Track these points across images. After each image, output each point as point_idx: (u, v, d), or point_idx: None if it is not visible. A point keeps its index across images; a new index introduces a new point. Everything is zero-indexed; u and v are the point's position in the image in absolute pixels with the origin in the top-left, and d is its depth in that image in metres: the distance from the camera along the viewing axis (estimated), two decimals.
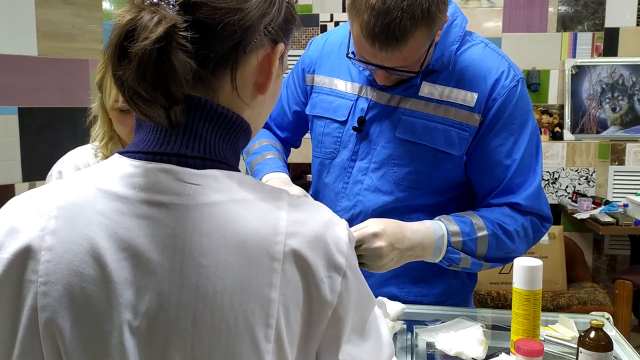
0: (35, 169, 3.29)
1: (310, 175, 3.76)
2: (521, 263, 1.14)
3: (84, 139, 3.43)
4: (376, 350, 0.74)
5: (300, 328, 0.65)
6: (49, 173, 1.61)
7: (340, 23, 4.07)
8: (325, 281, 0.65)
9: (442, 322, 1.31)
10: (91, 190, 0.64)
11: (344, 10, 3.83)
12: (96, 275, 0.61)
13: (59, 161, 1.61)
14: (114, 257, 0.61)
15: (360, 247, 1.17)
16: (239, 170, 0.69)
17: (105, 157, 1.56)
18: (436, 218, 1.31)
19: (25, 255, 0.62)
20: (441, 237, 1.26)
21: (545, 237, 3.42)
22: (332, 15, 3.81)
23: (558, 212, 3.72)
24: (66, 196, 0.64)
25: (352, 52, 1.29)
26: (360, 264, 1.12)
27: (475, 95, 1.30)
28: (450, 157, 1.33)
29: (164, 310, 0.61)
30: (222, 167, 0.67)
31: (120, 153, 0.68)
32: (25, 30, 3.20)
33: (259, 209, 0.65)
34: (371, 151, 1.38)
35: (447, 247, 1.27)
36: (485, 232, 1.29)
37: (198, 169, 0.65)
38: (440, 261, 1.29)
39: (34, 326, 0.61)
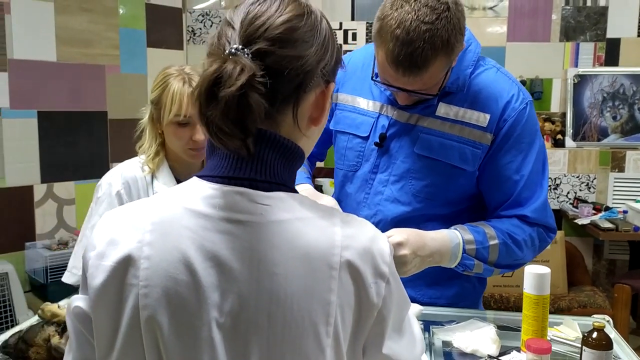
0: (53, 171, 3.39)
1: (317, 179, 3.87)
2: (531, 270, 1.25)
3: (100, 142, 3.56)
4: (411, 345, 0.85)
5: (351, 326, 0.76)
6: (98, 184, 1.68)
7: (349, 31, 4.20)
8: (373, 287, 0.76)
9: (457, 323, 1.42)
10: (178, 208, 0.76)
11: (352, 19, 3.94)
12: (188, 280, 0.72)
13: (108, 174, 1.69)
14: (202, 265, 0.72)
15: None
16: (297, 192, 0.80)
17: (152, 170, 1.66)
18: (452, 227, 1.42)
19: (126, 263, 0.74)
20: (457, 245, 1.38)
21: None
22: (341, 24, 3.92)
23: (559, 218, 3.82)
24: (158, 213, 0.76)
25: (376, 74, 1.39)
26: None
27: (488, 116, 1.41)
28: (464, 173, 1.44)
29: (244, 310, 0.72)
30: (285, 189, 0.78)
31: (199, 177, 0.79)
32: (45, 36, 3.31)
33: (318, 225, 0.76)
34: (391, 165, 1.49)
35: (462, 254, 1.38)
36: (496, 241, 1.40)
37: (266, 191, 0.76)
38: (456, 266, 1.41)
39: (135, 322, 0.73)
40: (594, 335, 1.19)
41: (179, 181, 1.69)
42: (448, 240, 1.37)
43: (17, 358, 1.11)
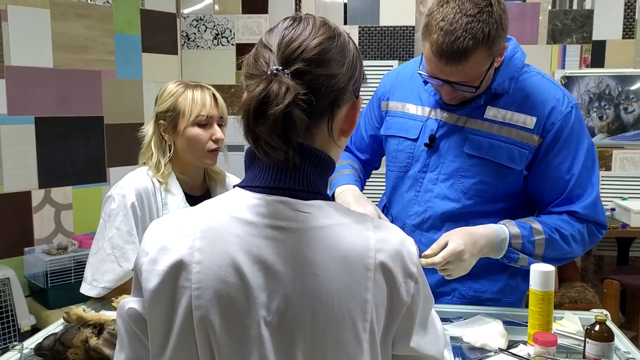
0: (51, 176, 3.41)
1: None
2: (537, 268, 1.33)
3: (96, 147, 3.58)
4: (435, 340, 0.92)
5: (384, 322, 0.83)
6: (109, 194, 1.71)
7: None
8: (403, 286, 0.83)
9: (464, 319, 1.49)
10: (225, 217, 0.82)
11: (345, 23, 3.99)
12: (237, 282, 0.78)
13: (118, 186, 1.71)
14: (250, 268, 0.78)
15: (449, 263, 1.39)
16: (331, 199, 0.87)
17: (165, 184, 1.70)
18: (500, 222, 1.52)
19: (178, 267, 0.80)
20: (503, 240, 1.47)
21: None
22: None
23: None
24: (206, 222, 0.82)
25: (423, 68, 1.49)
26: (448, 275, 1.41)
27: (535, 119, 1.50)
28: (512, 172, 1.52)
29: (290, 308, 0.78)
30: (321, 197, 0.85)
31: (241, 187, 0.85)
32: (41, 43, 3.33)
33: (354, 230, 0.83)
34: (440, 164, 1.58)
35: (508, 247, 1.48)
36: (542, 236, 1.49)
37: (305, 200, 0.83)
38: (502, 258, 1.50)
39: (188, 321, 0.79)
40: (597, 328, 1.27)
41: (185, 192, 1.75)
42: (495, 235, 1.47)
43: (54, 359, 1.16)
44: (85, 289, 1.67)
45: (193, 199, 1.73)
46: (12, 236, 3.25)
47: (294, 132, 0.78)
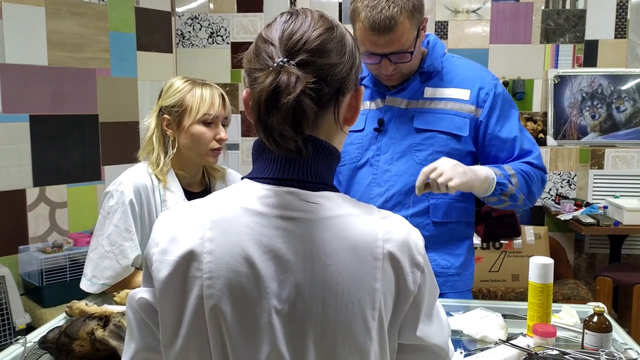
0: (46, 174, 3.40)
1: None
2: (536, 261, 1.35)
3: (91, 145, 3.58)
4: (440, 329, 0.93)
5: (391, 311, 0.84)
6: (107, 191, 1.71)
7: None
8: (410, 275, 0.84)
9: (464, 312, 1.50)
10: (235, 208, 0.83)
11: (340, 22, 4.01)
12: (248, 272, 0.79)
13: (116, 182, 1.71)
14: (261, 258, 0.79)
15: (435, 171, 1.50)
16: (338, 190, 0.88)
17: (164, 181, 1.71)
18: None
19: (189, 258, 0.80)
20: (488, 169, 1.60)
21: (532, 237, 3.65)
22: None
23: (542, 214, 3.96)
24: (216, 212, 0.83)
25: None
26: (446, 179, 1.48)
27: (468, 92, 1.70)
28: (460, 138, 1.69)
29: (300, 297, 0.79)
30: (328, 188, 0.86)
31: (249, 178, 0.86)
32: (36, 40, 3.32)
33: (362, 220, 0.84)
34: (392, 145, 1.71)
35: (496, 176, 1.59)
36: (514, 171, 1.65)
37: (314, 191, 0.84)
38: (492, 192, 1.60)
39: (200, 310, 0.80)
40: (595, 319, 1.29)
41: (184, 188, 1.75)
42: (480, 166, 1.63)
43: (59, 352, 1.16)
44: (85, 285, 1.67)
45: (192, 196, 1.73)
46: (6, 234, 3.24)
47: (304, 121, 0.79)
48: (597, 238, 3.98)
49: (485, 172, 1.58)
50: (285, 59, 0.80)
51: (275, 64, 0.80)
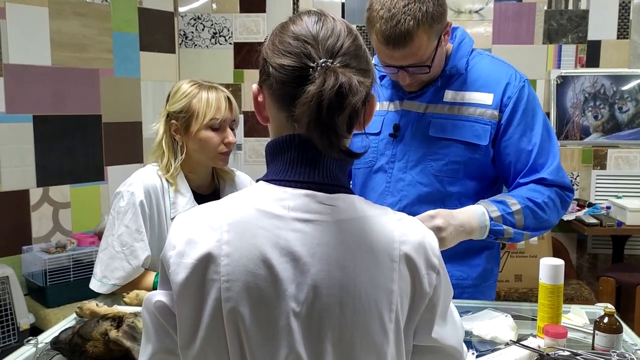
0: (49, 174, 3.40)
1: None
2: (546, 262, 1.35)
3: (94, 146, 3.57)
4: (455, 331, 0.94)
5: (407, 312, 0.85)
6: (118, 191, 1.72)
7: None
8: (426, 277, 0.85)
9: (473, 313, 1.50)
10: (251, 210, 0.83)
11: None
12: (266, 275, 0.79)
13: (127, 183, 1.72)
14: (278, 260, 0.79)
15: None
16: (353, 192, 0.88)
17: (175, 185, 1.71)
18: (476, 203, 1.54)
19: (206, 260, 0.80)
20: (482, 214, 1.49)
21: (535, 238, 3.65)
22: None
23: None
24: (232, 215, 0.82)
25: (378, 64, 1.54)
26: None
27: (492, 95, 1.58)
28: (478, 148, 1.58)
29: (318, 299, 0.79)
30: (344, 190, 0.86)
31: (265, 181, 0.86)
32: (39, 41, 3.32)
33: (378, 222, 0.84)
34: (407, 152, 1.63)
35: (490, 221, 1.49)
36: (519, 207, 1.52)
37: (330, 193, 0.84)
38: (488, 236, 1.50)
39: (218, 313, 0.80)
40: (605, 320, 1.29)
41: (193, 190, 1.75)
42: (474, 210, 1.50)
43: (72, 352, 1.16)
44: (95, 286, 1.67)
45: (201, 198, 1.74)
46: (10, 235, 3.24)
47: (356, 122, 0.80)
48: (600, 238, 3.98)
49: (477, 221, 1.47)
50: (330, 60, 0.80)
51: (318, 65, 0.79)
